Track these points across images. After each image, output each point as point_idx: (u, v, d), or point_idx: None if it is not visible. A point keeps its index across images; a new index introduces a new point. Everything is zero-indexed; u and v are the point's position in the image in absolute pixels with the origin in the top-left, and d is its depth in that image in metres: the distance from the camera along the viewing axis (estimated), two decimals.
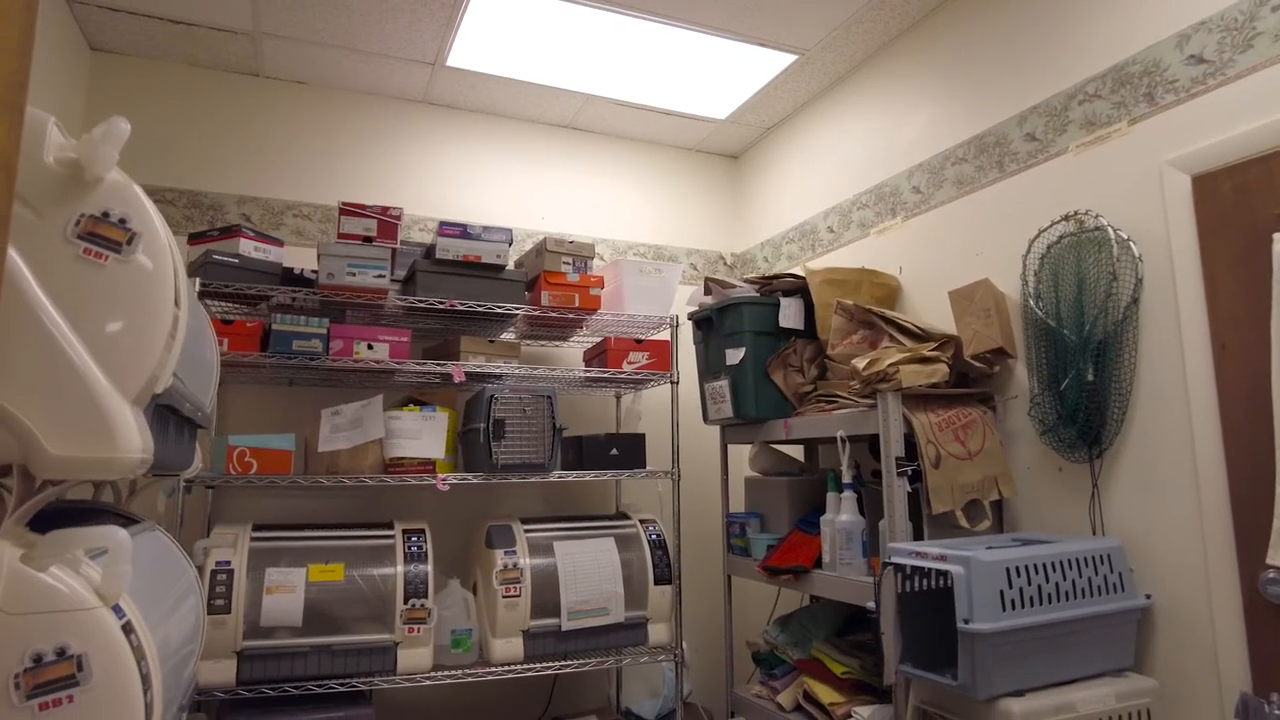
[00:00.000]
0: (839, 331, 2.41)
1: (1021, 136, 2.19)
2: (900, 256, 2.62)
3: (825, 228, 3.01)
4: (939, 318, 2.44)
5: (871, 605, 1.93)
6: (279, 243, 2.41)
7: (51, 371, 0.84)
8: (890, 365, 2.05)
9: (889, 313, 2.29)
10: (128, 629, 0.87)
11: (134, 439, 0.87)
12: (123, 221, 0.93)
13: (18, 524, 0.87)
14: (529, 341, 3.04)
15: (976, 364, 2.15)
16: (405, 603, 2.19)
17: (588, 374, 2.68)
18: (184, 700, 1.40)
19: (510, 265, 2.60)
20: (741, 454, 3.32)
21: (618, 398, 3.17)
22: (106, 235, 0.91)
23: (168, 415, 1.12)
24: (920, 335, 2.21)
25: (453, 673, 2.26)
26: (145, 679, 0.88)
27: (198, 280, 2.23)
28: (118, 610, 0.88)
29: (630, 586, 2.51)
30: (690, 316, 2.72)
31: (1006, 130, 2.23)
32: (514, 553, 2.40)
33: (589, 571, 2.45)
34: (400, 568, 2.25)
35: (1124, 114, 1.91)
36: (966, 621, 1.61)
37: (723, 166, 3.62)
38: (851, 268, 2.59)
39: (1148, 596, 1.79)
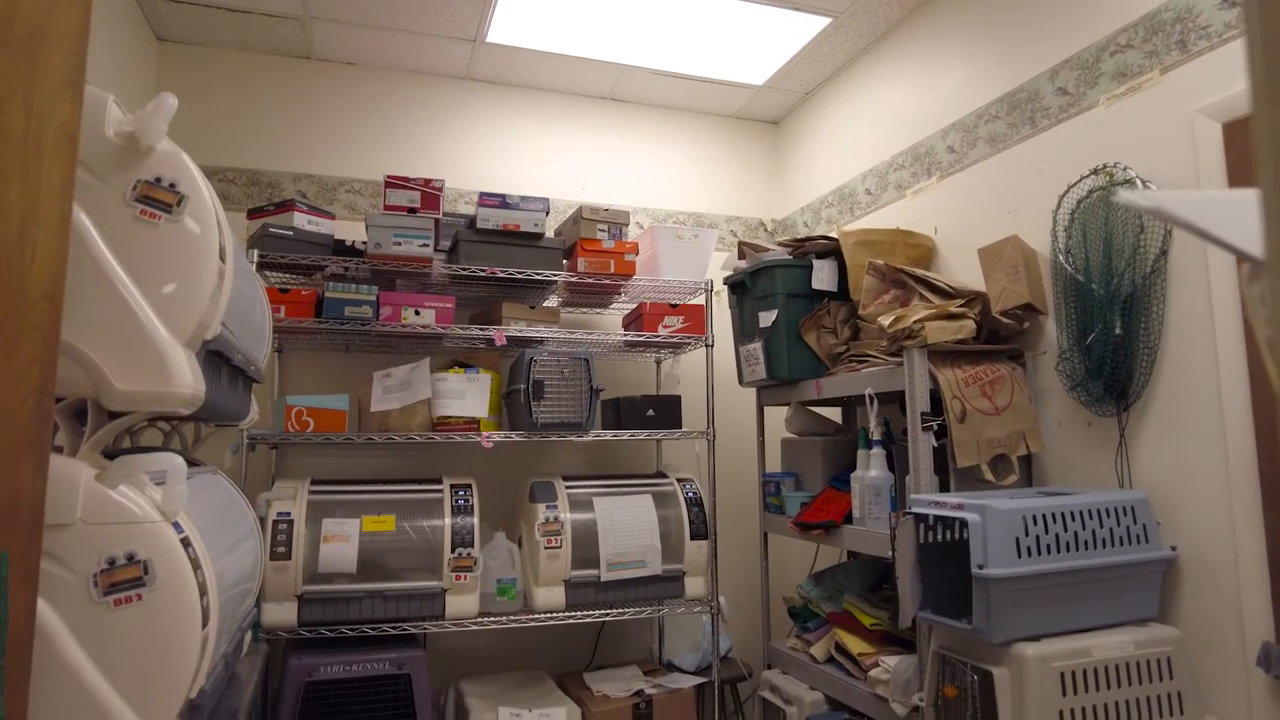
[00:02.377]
0: (870, 291, 2.43)
1: (1053, 91, 2.17)
2: (935, 216, 2.63)
3: (863, 190, 3.02)
4: (973, 277, 2.44)
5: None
6: (330, 215, 2.55)
7: (116, 317, 0.96)
8: (916, 322, 2.08)
9: (919, 271, 2.30)
10: (185, 543, 1.00)
11: (186, 376, 0.99)
12: (173, 186, 1.04)
13: (92, 450, 1.00)
14: (570, 309, 3.14)
15: (1005, 320, 2.16)
16: (453, 552, 2.33)
17: (624, 338, 2.76)
18: (244, 624, 1.55)
19: (549, 234, 2.69)
20: (778, 416, 3.37)
21: (657, 363, 3.25)
22: (159, 198, 1.03)
23: (220, 363, 1.25)
24: (949, 293, 2.23)
25: (498, 618, 2.40)
26: (201, 587, 1.00)
27: (256, 252, 2.39)
28: (177, 526, 1.00)
29: (667, 541, 2.60)
30: (725, 281, 2.78)
31: (1038, 86, 2.22)
32: (555, 507, 2.51)
33: (627, 526, 2.55)
34: (448, 520, 2.38)
35: (1156, 63, 1.89)
36: (981, 567, 1.66)
37: (763, 133, 3.64)
38: (885, 229, 2.60)
39: (1173, 549, 1.80)
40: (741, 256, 2.72)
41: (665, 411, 2.75)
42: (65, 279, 0.81)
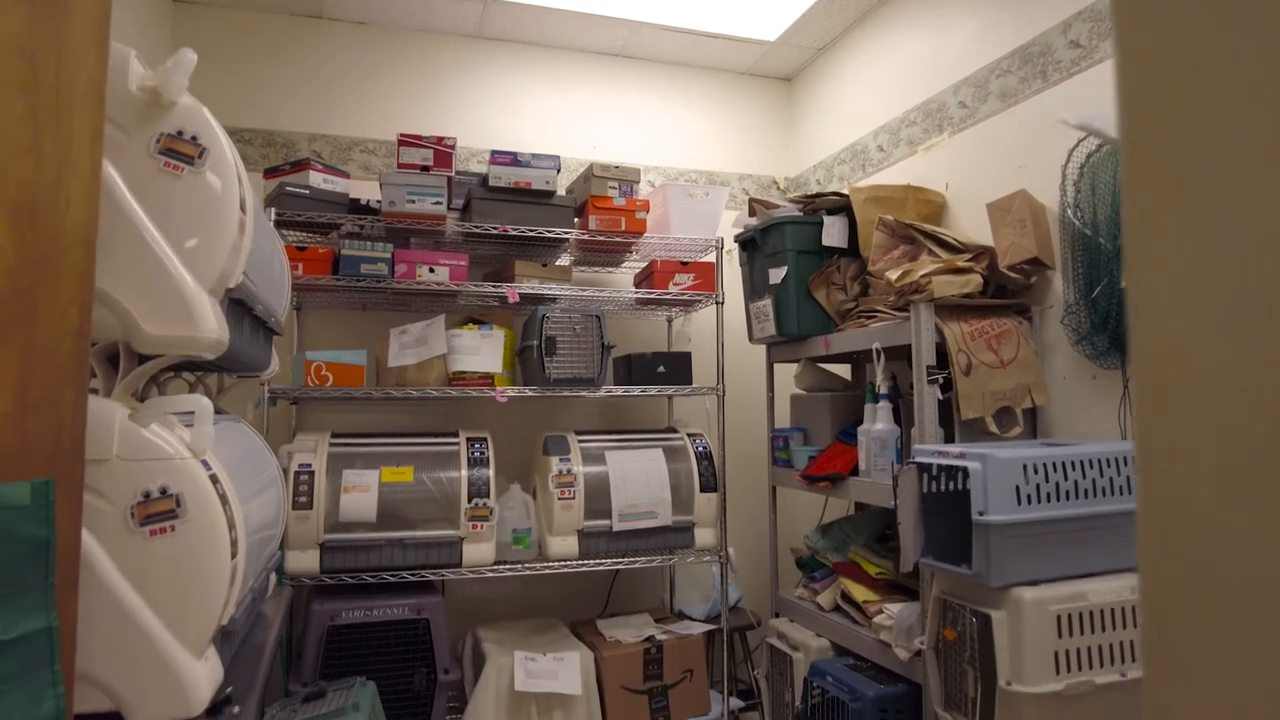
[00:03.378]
0: (880, 247, 2.45)
1: (1065, 44, 2.15)
2: (947, 173, 2.63)
3: (875, 147, 3.01)
4: (983, 233, 2.45)
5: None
6: (345, 174, 2.58)
7: (144, 264, 1.01)
8: (923, 276, 2.10)
9: (928, 227, 2.32)
10: (214, 479, 1.06)
11: (210, 322, 1.04)
12: (194, 139, 1.08)
13: (124, 392, 1.06)
14: (582, 267, 3.17)
15: (1012, 275, 2.17)
16: (469, 502, 2.40)
17: (635, 295, 2.79)
18: (269, 566, 1.62)
19: (561, 192, 2.71)
20: (787, 373, 3.40)
21: (668, 321, 3.29)
22: (181, 150, 1.07)
23: (242, 312, 1.30)
24: (958, 248, 2.24)
25: (514, 566, 2.48)
26: (230, 521, 1.06)
27: (273, 210, 2.43)
28: (205, 464, 1.06)
29: (677, 494, 2.66)
30: (736, 238, 2.80)
31: (1051, 39, 2.20)
32: (568, 460, 2.57)
33: (638, 478, 2.61)
34: (464, 471, 2.45)
35: None
36: (981, 513, 1.70)
37: (776, 90, 3.62)
38: (896, 185, 2.61)
39: None
40: (752, 214, 2.74)
41: (676, 368, 2.80)
42: (98, 226, 0.86)
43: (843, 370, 3.03)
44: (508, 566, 2.48)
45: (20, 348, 0.75)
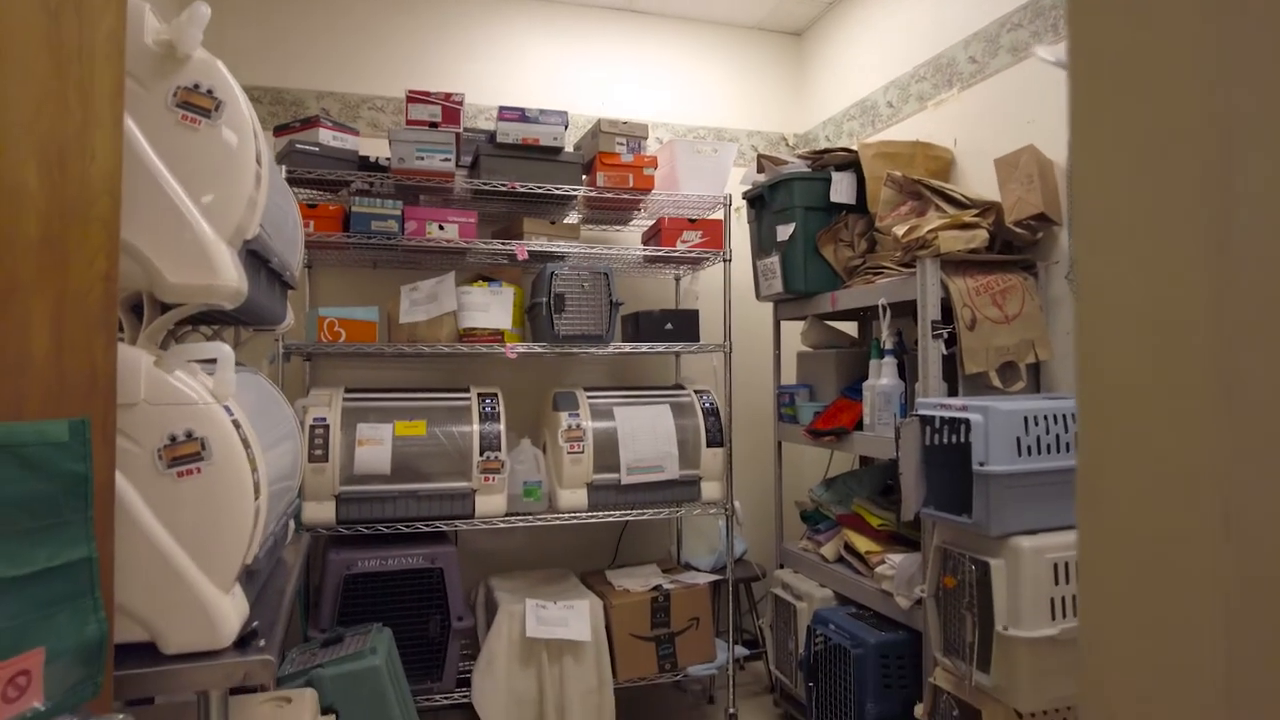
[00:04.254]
0: (888, 203, 2.45)
1: None
2: (955, 128, 2.62)
3: (885, 103, 3.00)
4: (991, 188, 2.45)
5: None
6: (354, 131, 2.59)
7: (165, 215, 1.04)
8: (930, 231, 2.11)
9: (936, 182, 2.32)
10: (235, 425, 1.10)
11: (230, 271, 1.07)
12: (210, 91, 1.10)
13: (149, 340, 1.09)
14: (590, 226, 3.18)
15: (1019, 230, 2.18)
16: (481, 455, 2.45)
17: (643, 252, 2.81)
18: (288, 512, 1.68)
19: (569, 149, 2.72)
20: (794, 330, 3.42)
21: (676, 279, 3.31)
22: (198, 104, 1.09)
23: (259, 264, 1.33)
24: (965, 204, 2.25)
25: (525, 517, 2.54)
26: (252, 463, 1.10)
27: (284, 168, 2.45)
28: (227, 409, 1.10)
29: (684, 449, 2.71)
30: (744, 195, 2.80)
31: None
32: (577, 415, 2.62)
33: (646, 433, 2.66)
34: (476, 426, 2.50)
35: None
36: (982, 464, 1.74)
37: (785, 45, 3.58)
38: (904, 141, 2.60)
39: None
40: (760, 170, 2.74)
41: (683, 325, 2.82)
42: (122, 176, 0.89)
43: (849, 328, 3.05)
44: (519, 518, 2.54)
45: (54, 292, 0.79)
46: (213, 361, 1.11)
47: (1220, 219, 0.32)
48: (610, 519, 2.64)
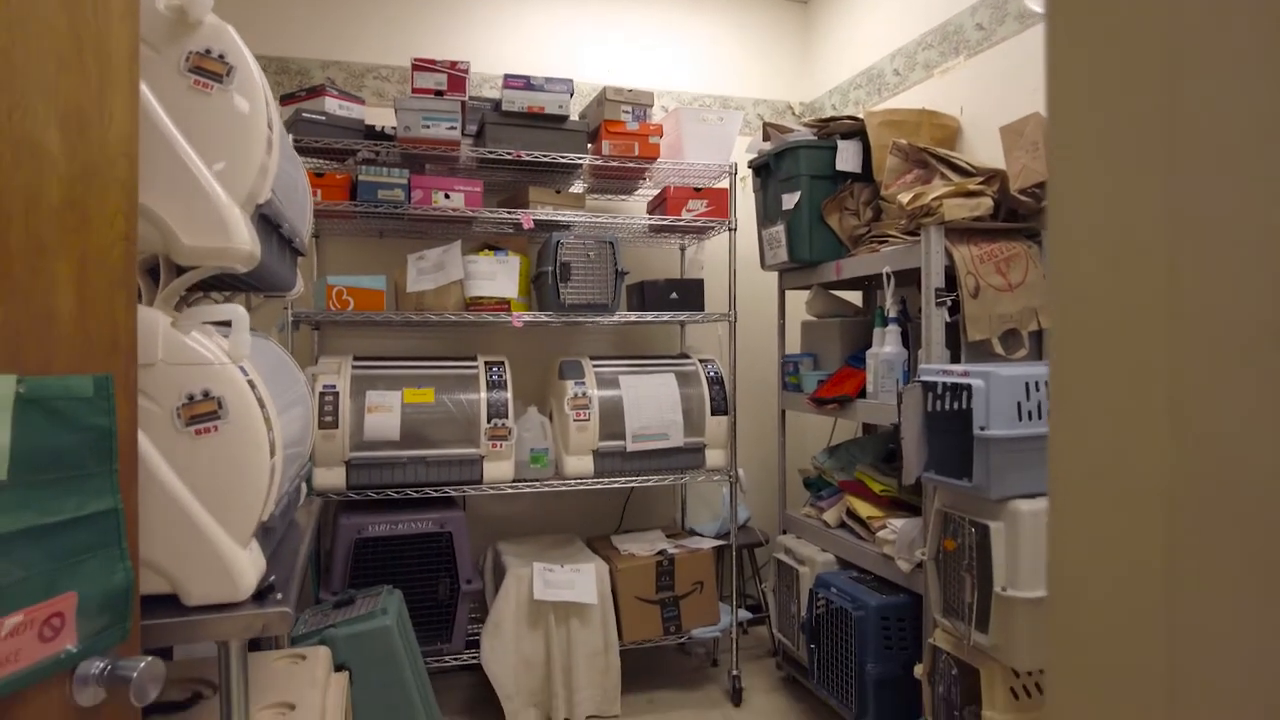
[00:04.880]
0: (893, 171, 2.46)
1: None
2: (962, 97, 2.61)
3: (891, 71, 2.98)
4: (997, 157, 2.44)
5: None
6: (360, 100, 2.60)
7: (180, 179, 1.05)
8: (934, 199, 2.12)
9: (941, 151, 2.32)
10: (251, 385, 1.13)
11: (244, 234, 1.09)
12: (221, 56, 1.12)
13: (165, 302, 1.12)
14: (595, 195, 3.19)
15: (1023, 199, 2.18)
16: (488, 422, 2.48)
17: (649, 222, 2.82)
18: (300, 475, 1.71)
19: (574, 117, 2.72)
20: (799, 300, 3.43)
21: (681, 249, 3.32)
22: (210, 69, 1.11)
23: (270, 230, 1.35)
24: (971, 172, 2.25)
25: (532, 483, 2.58)
26: (268, 422, 1.13)
27: (290, 137, 2.45)
28: (242, 370, 1.12)
29: (689, 417, 2.74)
30: (750, 164, 2.80)
31: None
32: (583, 383, 2.64)
33: (651, 401, 2.68)
34: (483, 394, 2.53)
35: None
36: (983, 429, 1.76)
37: (791, 12, 3.56)
38: (911, 109, 2.59)
39: None
40: (766, 139, 2.74)
41: (688, 294, 2.84)
42: (139, 138, 0.91)
43: (854, 297, 3.06)
44: (526, 484, 2.57)
45: (77, 252, 0.81)
46: (227, 324, 1.14)
47: (1169, 147, 0.34)
48: (616, 485, 2.68)
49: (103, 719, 0.86)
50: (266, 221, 1.30)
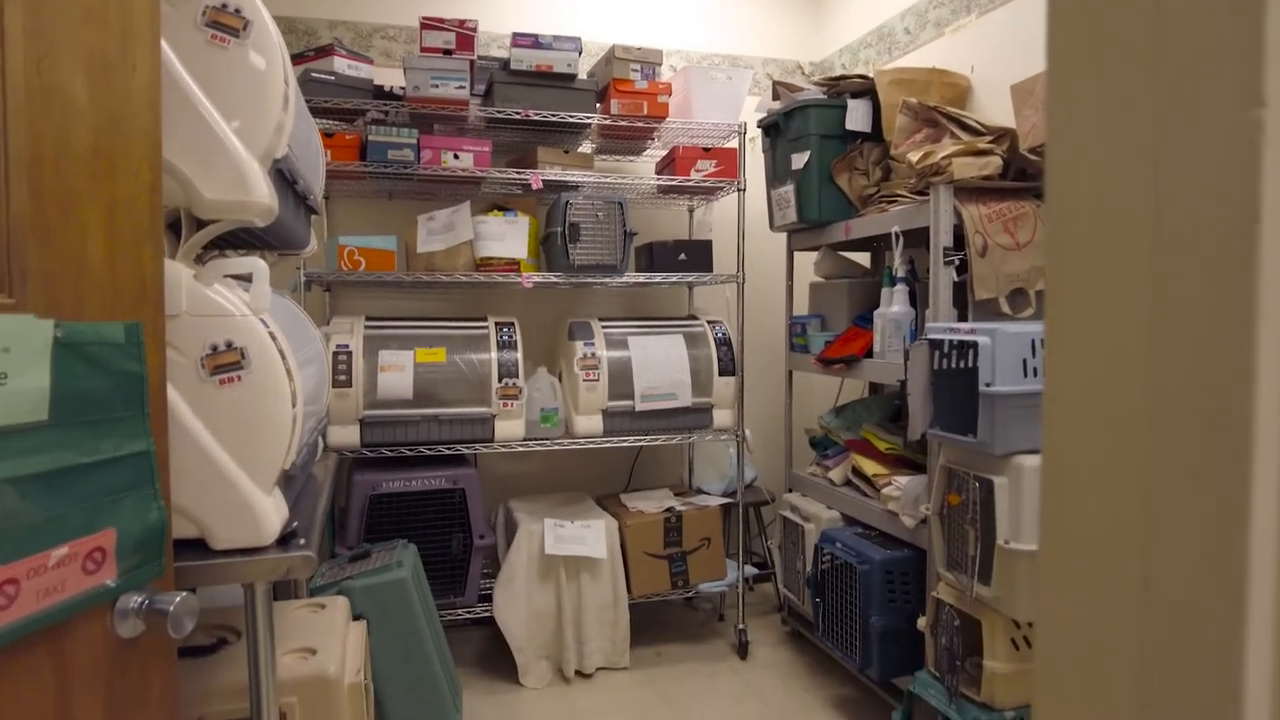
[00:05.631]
0: (903, 131, 2.45)
1: None
2: (973, 55, 2.59)
3: (902, 29, 2.95)
4: (1008, 117, 2.43)
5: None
6: (369, 60, 2.59)
7: (199, 133, 1.07)
8: (944, 158, 2.12)
9: (951, 110, 2.31)
10: (272, 336, 1.15)
11: (262, 188, 1.11)
12: (238, 11, 1.13)
13: (186, 255, 1.14)
14: (603, 156, 3.18)
15: (1033, 158, 2.18)
16: (499, 381, 2.52)
17: (657, 182, 2.82)
18: (318, 429, 1.75)
19: (582, 76, 2.71)
20: (807, 262, 3.44)
21: (690, 211, 3.32)
22: (226, 23, 1.12)
23: (286, 186, 1.36)
24: (980, 131, 2.24)
25: (542, 442, 2.61)
26: (289, 373, 1.16)
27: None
28: (263, 322, 1.15)
29: (697, 377, 2.76)
30: (760, 123, 2.79)
31: None
32: (592, 344, 2.67)
33: (659, 362, 2.71)
34: (494, 354, 2.56)
35: None
36: (989, 385, 1.78)
37: None
38: (921, 68, 2.58)
39: None
40: (776, 98, 2.73)
41: (697, 255, 2.85)
42: (160, 89, 0.92)
43: (862, 258, 3.06)
44: (536, 442, 2.61)
45: (105, 201, 0.83)
46: (248, 279, 1.16)
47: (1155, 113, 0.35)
48: (625, 444, 2.72)
49: (141, 650, 0.90)
50: (282, 177, 1.31)
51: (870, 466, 2.43)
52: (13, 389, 0.71)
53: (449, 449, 2.52)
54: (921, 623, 2.11)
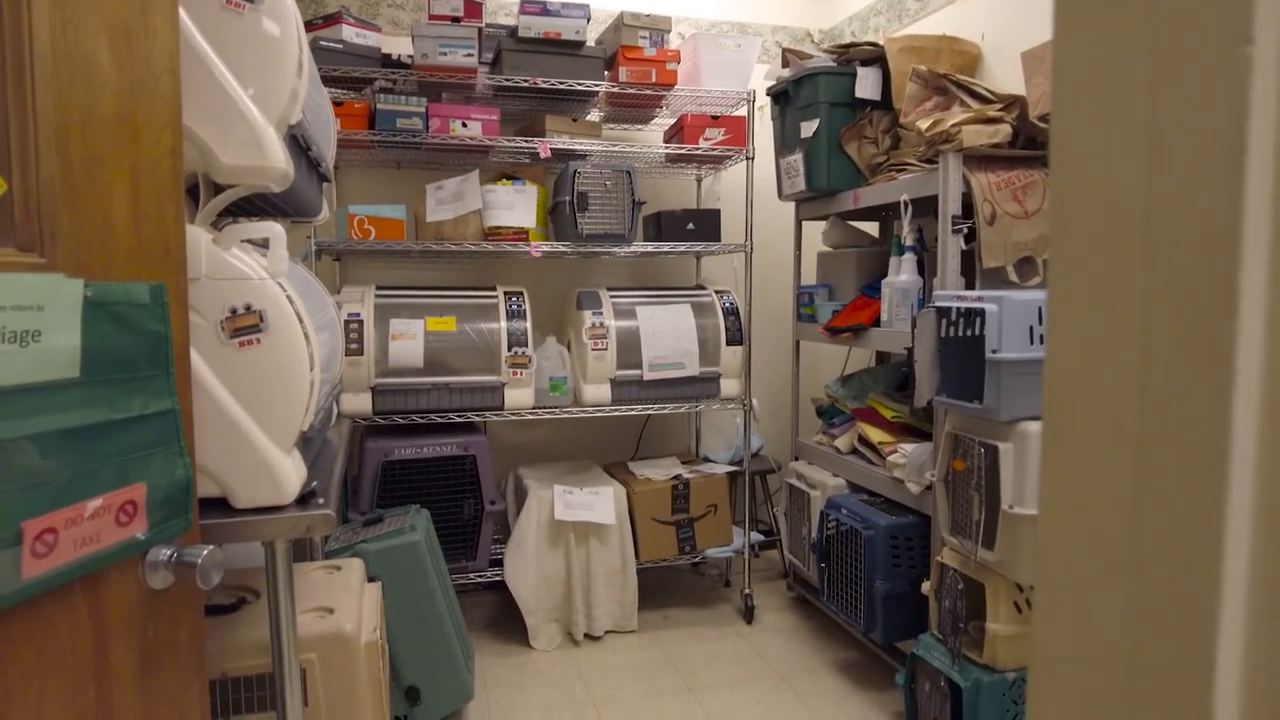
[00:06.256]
0: (913, 99, 2.44)
1: None
2: (984, 23, 2.57)
3: None
4: (1018, 86, 2.42)
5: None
6: (376, 28, 2.58)
7: (217, 99, 1.08)
8: (953, 125, 2.11)
9: (961, 77, 2.30)
10: (290, 300, 1.17)
11: (279, 153, 1.12)
12: None
13: (205, 220, 1.16)
14: (611, 125, 3.17)
15: (1043, 125, 2.17)
16: (509, 350, 2.54)
17: (666, 150, 2.82)
18: (333, 395, 1.77)
19: (591, 43, 2.70)
20: (815, 232, 3.44)
21: (698, 180, 3.31)
22: None
23: (300, 152, 1.38)
24: (990, 98, 2.23)
25: (551, 410, 2.64)
26: (306, 336, 1.19)
27: None
28: (281, 286, 1.17)
29: (705, 347, 2.78)
30: (769, 91, 2.78)
31: None
32: (600, 313, 2.69)
33: (667, 332, 2.73)
34: (503, 323, 2.58)
35: None
36: (995, 351, 1.80)
37: None
38: (931, 35, 2.56)
39: None
40: (785, 66, 2.72)
41: (705, 225, 2.85)
42: (179, 55, 0.93)
43: (870, 228, 3.06)
44: (546, 410, 2.64)
45: (129, 164, 0.85)
46: (264, 244, 1.18)
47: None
48: (633, 413, 2.75)
49: (171, 601, 0.93)
50: (297, 143, 1.33)
51: (876, 434, 2.46)
52: (46, 346, 0.73)
53: (459, 417, 2.55)
54: (925, 587, 2.14)
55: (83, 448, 0.77)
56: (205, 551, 0.91)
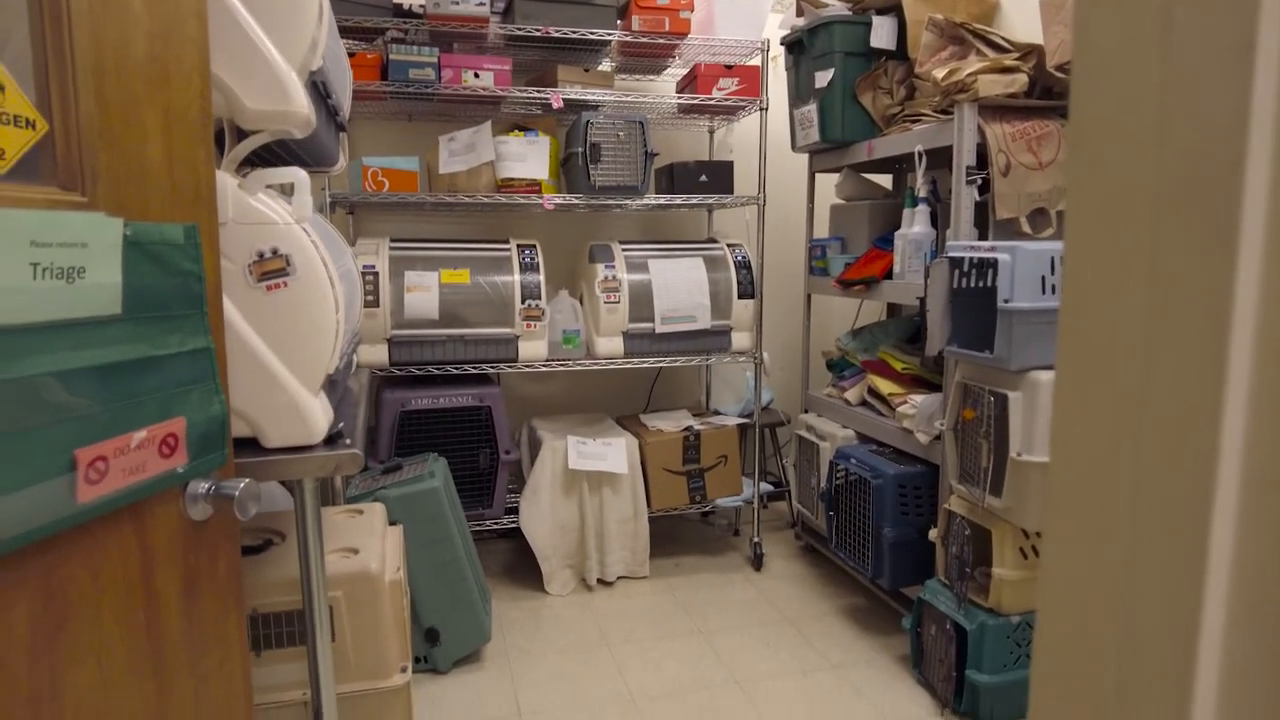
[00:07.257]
0: (928, 48, 2.41)
1: None
2: None
3: None
4: (1037, 34, 2.39)
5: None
6: None
7: (241, 45, 1.10)
8: (969, 75, 2.09)
9: (978, 26, 2.27)
10: (315, 245, 1.20)
11: (302, 98, 1.14)
12: None
13: (230, 164, 1.18)
14: (624, 75, 3.15)
15: (1060, 75, 2.15)
16: (522, 303, 2.56)
17: (678, 100, 2.80)
18: (355, 343, 1.80)
19: None
20: (828, 185, 3.43)
21: (710, 133, 3.29)
22: None
23: (320, 100, 1.39)
24: (1006, 48, 2.21)
25: (565, 362, 2.68)
26: (331, 280, 1.21)
27: None
28: (305, 231, 1.19)
29: (716, 300, 2.80)
30: (783, 41, 2.75)
31: None
32: (613, 267, 2.70)
33: (679, 285, 2.74)
34: (517, 276, 2.60)
35: None
36: (1007, 301, 1.81)
37: None
38: None
39: None
40: (800, 14, 2.68)
41: (717, 177, 2.85)
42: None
43: (884, 180, 3.05)
44: (559, 363, 2.67)
45: (161, 106, 0.87)
46: (288, 190, 1.20)
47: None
48: (645, 365, 2.77)
49: (210, 532, 0.97)
50: (317, 90, 1.34)
51: (886, 386, 2.48)
52: (91, 283, 0.76)
53: (474, 368, 2.59)
54: (933, 534, 2.18)
55: (127, 382, 0.81)
56: (243, 484, 0.95)
